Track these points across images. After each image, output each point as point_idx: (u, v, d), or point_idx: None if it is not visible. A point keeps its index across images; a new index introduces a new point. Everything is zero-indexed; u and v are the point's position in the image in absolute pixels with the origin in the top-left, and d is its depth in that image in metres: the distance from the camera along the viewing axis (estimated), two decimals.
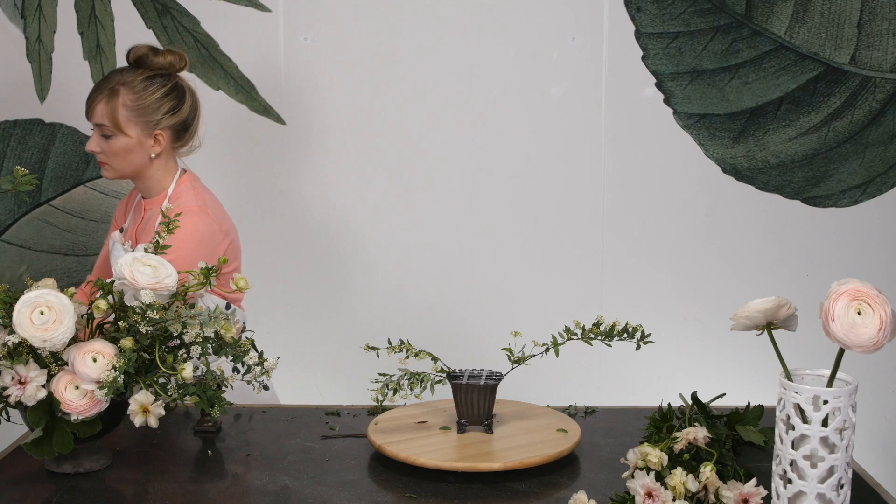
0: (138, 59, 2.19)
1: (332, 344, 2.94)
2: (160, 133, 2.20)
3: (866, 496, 1.61)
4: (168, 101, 2.20)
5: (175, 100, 2.21)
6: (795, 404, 1.42)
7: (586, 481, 1.66)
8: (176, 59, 2.22)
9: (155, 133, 2.19)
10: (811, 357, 1.79)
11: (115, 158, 2.19)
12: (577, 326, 1.78)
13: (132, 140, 2.17)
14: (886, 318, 1.37)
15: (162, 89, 2.19)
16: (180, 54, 2.24)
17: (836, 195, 2.86)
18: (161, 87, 2.19)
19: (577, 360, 2.61)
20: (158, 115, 2.18)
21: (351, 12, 2.82)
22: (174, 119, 2.21)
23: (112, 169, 2.21)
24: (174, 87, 2.22)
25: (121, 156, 2.19)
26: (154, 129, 2.19)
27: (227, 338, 1.63)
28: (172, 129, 2.22)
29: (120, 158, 2.19)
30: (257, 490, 1.63)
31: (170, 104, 2.20)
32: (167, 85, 2.20)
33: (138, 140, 2.18)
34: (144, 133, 2.18)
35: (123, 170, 2.21)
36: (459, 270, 2.92)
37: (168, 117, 2.20)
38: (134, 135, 2.17)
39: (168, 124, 2.20)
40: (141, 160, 2.20)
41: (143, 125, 2.17)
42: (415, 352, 1.80)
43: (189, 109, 2.24)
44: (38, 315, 1.57)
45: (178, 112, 2.21)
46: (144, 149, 2.19)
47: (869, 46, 2.77)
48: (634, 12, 2.79)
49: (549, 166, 2.87)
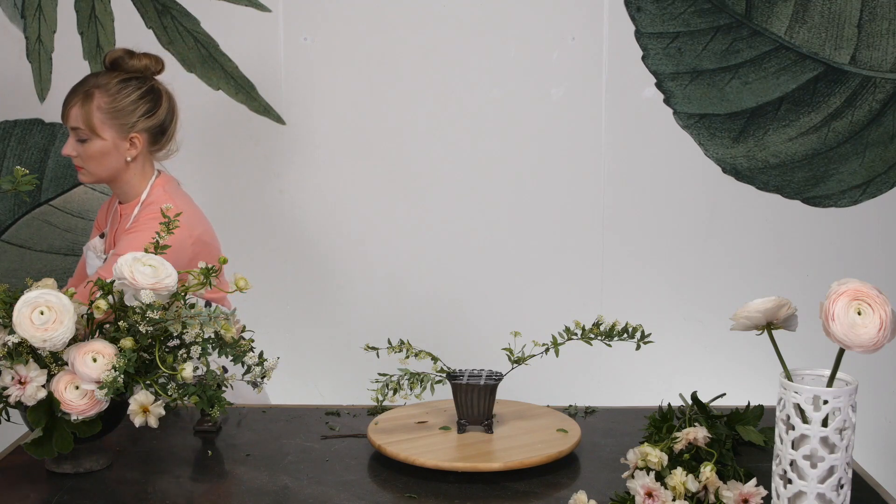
0: (113, 61, 2.18)
1: (332, 344, 2.94)
2: (136, 136, 2.18)
3: (866, 496, 1.61)
4: (143, 103, 2.18)
5: (150, 102, 2.19)
6: (795, 404, 1.43)
7: (586, 481, 1.66)
8: (151, 62, 2.21)
9: (130, 136, 2.17)
10: (811, 357, 1.79)
11: (90, 162, 2.17)
12: (577, 326, 1.78)
13: (107, 143, 2.15)
14: (886, 318, 1.37)
15: (137, 91, 2.17)
16: (156, 57, 2.23)
17: (836, 195, 2.86)
18: (136, 89, 2.17)
19: (577, 360, 2.61)
20: (134, 118, 2.16)
21: (351, 12, 2.82)
22: (150, 122, 2.19)
23: (88, 173, 2.20)
24: (150, 90, 2.20)
25: (96, 159, 2.17)
26: (129, 132, 2.17)
27: (227, 338, 1.63)
28: (148, 133, 2.20)
29: (95, 162, 2.17)
30: (257, 490, 1.63)
31: (145, 107, 2.18)
32: (142, 87, 2.19)
33: (113, 143, 2.16)
34: (119, 136, 2.16)
35: (99, 174, 2.20)
36: (459, 270, 2.92)
37: (143, 120, 2.18)
38: (109, 138, 2.15)
39: (143, 127, 2.18)
40: (116, 164, 2.18)
41: (118, 128, 2.16)
42: (415, 352, 1.80)
43: (165, 112, 2.22)
44: (38, 315, 1.57)
45: (153, 115, 2.19)
46: (120, 152, 2.17)
47: (869, 46, 2.77)
48: (634, 12, 2.79)
49: (548, 166, 2.87)
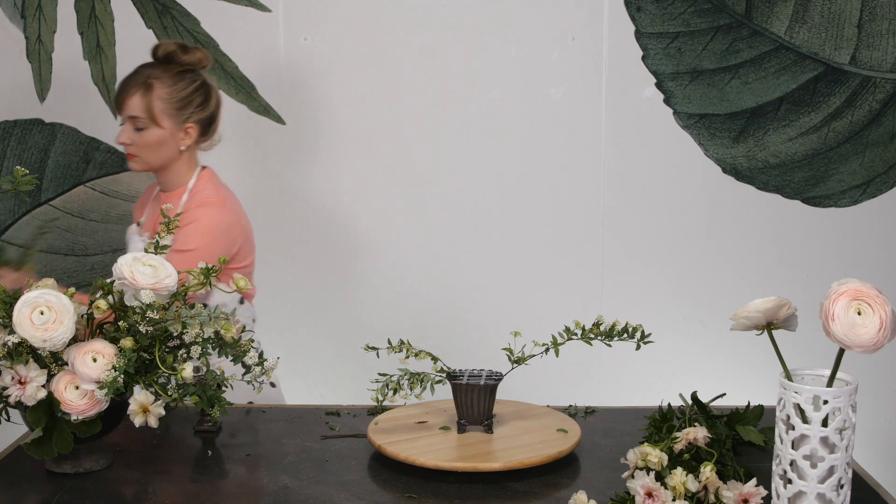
0: (168, 55, 2.27)
1: (332, 344, 2.94)
2: (190, 126, 2.28)
3: (866, 496, 1.61)
4: (198, 95, 2.28)
5: (203, 95, 2.30)
6: (795, 404, 1.42)
7: (586, 481, 1.66)
8: (203, 56, 2.31)
9: (185, 126, 2.27)
10: (811, 357, 1.79)
11: (146, 150, 2.26)
12: (577, 326, 1.78)
13: (165, 132, 2.25)
14: (886, 318, 1.36)
15: (193, 84, 2.28)
16: (206, 52, 2.33)
17: (836, 195, 2.86)
18: (192, 82, 2.28)
19: (577, 360, 2.61)
20: (190, 110, 2.27)
21: (351, 12, 2.82)
22: (202, 114, 2.30)
23: (142, 161, 2.28)
24: (203, 83, 2.31)
25: (153, 148, 2.25)
26: (185, 122, 2.27)
27: (227, 338, 1.63)
28: (200, 124, 2.30)
29: (151, 150, 2.26)
30: (257, 490, 1.63)
31: (199, 98, 2.29)
32: (196, 81, 2.29)
33: (170, 132, 2.26)
34: (175, 126, 2.26)
35: (153, 162, 2.28)
36: (459, 270, 2.92)
37: (197, 112, 2.28)
38: (167, 127, 2.25)
39: (197, 118, 2.29)
40: (171, 152, 2.27)
41: (175, 118, 2.25)
42: (415, 352, 1.80)
43: (214, 105, 2.34)
44: (38, 315, 1.57)
45: (206, 107, 2.30)
46: (175, 141, 2.27)
47: (869, 46, 2.77)
48: (634, 12, 2.79)
49: (548, 166, 2.87)
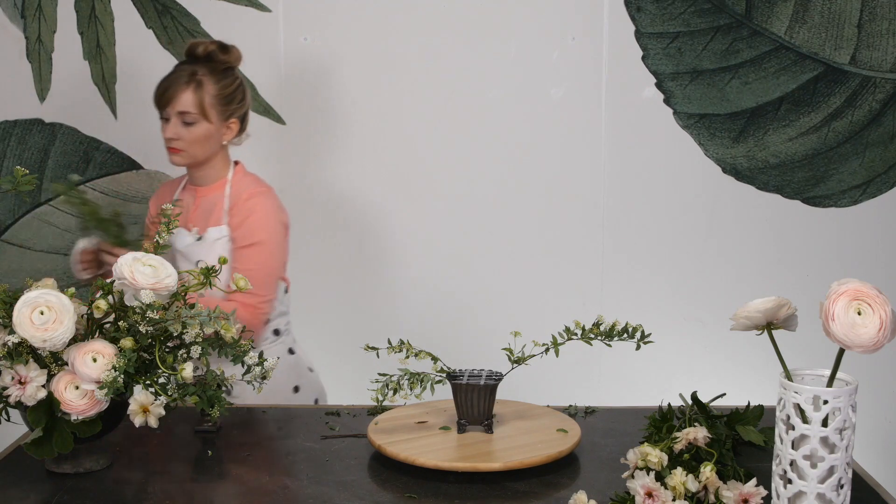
0: (208, 54, 2.32)
1: (331, 344, 2.94)
2: (233, 122, 2.35)
3: (866, 496, 1.61)
4: (239, 92, 2.36)
5: (242, 92, 2.37)
6: (795, 404, 1.42)
7: (586, 481, 1.66)
8: (239, 54, 2.38)
9: (229, 122, 2.34)
10: (811, 357, 1.79)
11: (194, 145, 2.31)
12: (577, 326, 1.78)
13: (212, 127, 2.31)
14: (886, 318, 1.36)
15: (235, 81, 2.35)
16: (240, 51, 2.38)
17: (836, 195, 2.86)
18: (235, 79, 2.35)
19: (577, 360, 2.61)
20: (234, 105, 2.34)
21: (351, 12, 2.82)
22: (242, 109, 2.37)
23: (187, 155, 2.32)
24: (241, 80, 2.38)
25: (201, 142, 2.31)
26: (229, 118, 2.34)
27: (227, 338, 1.63)
28: (239, 119, 2.37)
29: (199, 144, 2.31)
30: (257, 490, 1.63)
31: (240, 95, 2.36)
32: (238, 78, 2.36)
33: (216, 127, 2.31)
34: (220, 121, 2.32)
35: (198, 156, 2.33)
36: (459, 270, 2.92)
37: (239, 107, 2.35)
38: (215, 122, 2.31)
39: (238, 114, 2.36)
40: (215, 147, 2.34)
41: (221, 113, 2.32)
42: (415, 352, 1.80)
43: (249, 101, 2.41)
44: (38, 315, 1.57)
45: (244, 103, 2.38)
46: (219, 136, 2.33)
47: (869, 46, 2.77)
48: (634, 12, 2.79)
49: (548, 166, 2.87)
